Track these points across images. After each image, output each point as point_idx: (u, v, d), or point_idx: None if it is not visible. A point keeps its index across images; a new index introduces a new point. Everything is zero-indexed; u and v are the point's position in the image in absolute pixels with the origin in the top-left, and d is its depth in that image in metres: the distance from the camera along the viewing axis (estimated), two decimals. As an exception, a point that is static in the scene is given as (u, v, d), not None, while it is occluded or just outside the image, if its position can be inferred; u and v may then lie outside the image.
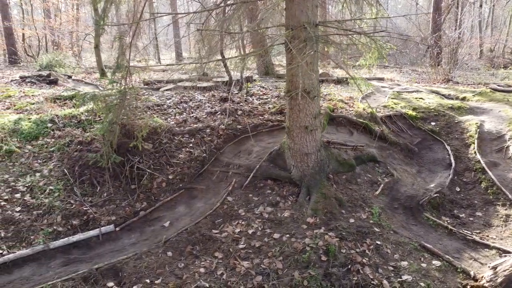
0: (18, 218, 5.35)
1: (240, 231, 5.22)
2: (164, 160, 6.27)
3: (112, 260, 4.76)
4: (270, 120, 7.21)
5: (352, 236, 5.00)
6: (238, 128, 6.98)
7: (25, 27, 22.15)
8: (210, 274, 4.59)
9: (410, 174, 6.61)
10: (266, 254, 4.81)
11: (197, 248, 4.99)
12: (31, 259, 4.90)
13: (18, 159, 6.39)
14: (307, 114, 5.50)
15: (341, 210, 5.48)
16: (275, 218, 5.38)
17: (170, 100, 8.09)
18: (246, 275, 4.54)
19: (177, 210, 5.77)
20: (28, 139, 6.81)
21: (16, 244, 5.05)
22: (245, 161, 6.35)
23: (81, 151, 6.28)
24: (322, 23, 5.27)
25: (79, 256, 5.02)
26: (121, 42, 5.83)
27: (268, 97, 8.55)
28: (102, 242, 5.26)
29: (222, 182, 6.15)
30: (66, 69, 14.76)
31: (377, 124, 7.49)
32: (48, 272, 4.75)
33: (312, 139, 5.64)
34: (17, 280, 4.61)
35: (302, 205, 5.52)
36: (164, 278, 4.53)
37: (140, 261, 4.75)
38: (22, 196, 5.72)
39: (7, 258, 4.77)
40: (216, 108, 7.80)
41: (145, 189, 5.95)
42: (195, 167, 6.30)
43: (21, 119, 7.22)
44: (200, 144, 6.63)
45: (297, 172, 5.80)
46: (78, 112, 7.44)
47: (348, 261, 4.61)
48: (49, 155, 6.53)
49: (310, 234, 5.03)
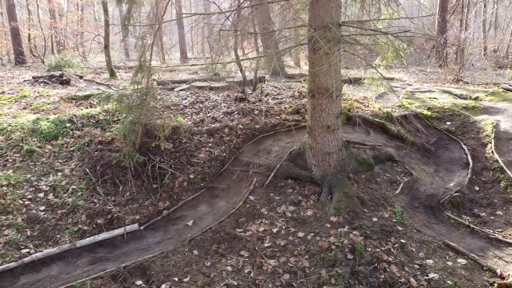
0: (43, 217, 5.39)
1: (264, 230, 5.26)
2: (184, 160, 6.30)
3: (139, 258, 4.80)
4: (288, 120, 7.25)
5: (377, 234, 5.04)
6: (256, 127, 7.02)
7: (31, 28, 22.19)
8: (237, 272, 4.63)
9: (428, 174, 6.64)
10: (292, 252, 4.85)
11: (222, 246, 5.03)
12: (58, 257, 4.94)
13: (39, 159, 6.43)
14: (329, 114, 5.54)
15: (363, 209, 5.52)
16: (298, 217, 5.42)
17: (185, 100, 8.13)
18: (274, 273, 4.58)
19: (199, 209, 5.81)
20: (48, 139, 6.86)
21: (42, 243, 5.09)
22: (264, 161, 6.38)
23: (101, 150, 6.32)
24: (345, 23, 5.31)
25: (105, 254, 5.06)
26: (143, 42, 5.88)
27: (283, 97, 8.58)
28: (127, 241, 5.29)
29: (243, 182, 6.19)
30: (75, 69, 14.79)
31: (393, 123, 7.53)
32: (76, 270, 4.79)
33: (334, 138, 5.68)
34: (46, 278, 4.65)
35: (325, 204, 5.56)
36: (192, 276, 4.56)
37: (167, 260, 4.79)
38: (45, 196, 5.76)
39: (34, 256, 4.81)
40: (232, 108, 7.83)
41: (167, 188, 5.99)
42: (216, 167, 6.34)
43: (40, 119, 7.26)
44: (219, 143, 6.66)
45: (318, 172, 5.84)
46: (96, 112, 7.48)
47: (374, 259, 4.65)
48: (69, 154, 6.57)
49: (335, 233, 5.07)
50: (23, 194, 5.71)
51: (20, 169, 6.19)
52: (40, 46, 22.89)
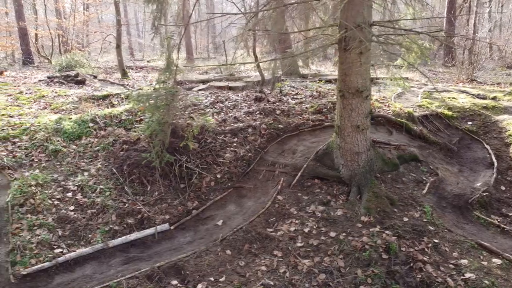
0: (74, 217, 5.39)
1: (295, 229, 5.26)
2: (210, 159, 6.30)
3: (173, 258, 4.80)
4: (311, 120, 7.25)
5: (409, 234, 5.04)
6: (280, 127, 7.02)
7: (38, 28, 22.18)
8: (272, 272, 4.63)
9: (453, 173, 6.64)
10: (325, 252, 4.85)
11: (255, 246, 5.03)
12: (91, 257, 4.95)
13: (64, 159, 6.44)
14: (359, 114, 5.53)
15: (393, 209, 5.52)
16: (328, 216, 5.42)
17: (206, 100, 8.14)
18: (309, 273, 4.58)
19: (227, 209, 5.80)
20: (71, 139, 6.86)
21: (74, 243, 5.10)
22: (290, 160, 6.38)
23: (127, 150, 6.32)
24: (376, 23, 5.31)
25: (137, 254, 5.06)
26: (170, 42, 5.88)
27: (302, 97, 8.58)
28: (158, 240, 5.29)
29: (269, 181, 6.19)
30: (85, 69, 14.79)
31: (415, 123, 7.53)
32: (110, 270, 4.79)
33: (363, 138, 5.68)
34: (80, 278, 4.65)
35: (354, 204, 5.56)
36: (228, 276, 4.56)
37: (201, 260, 4.79)
38: (73, 195, 5.76)
39: (68, 256, 4.82)
40: (252, 107, 7.83)
41: (195, 188, 5.99)
42: (242, 166, 6.34)
43: (62, 119, 7.27)
44: (243, 143, 6.66)
45: (346, 171, 5.84)
46: (118, 112, 7.48)
47: (409, 259, 4.64)
48: (94, 154, 6.57)
49: (367, 233, 5.06)
50: (51, 194, 5.72)
51: (47, 169, 6.20)
52: (46, 46, 22.90)
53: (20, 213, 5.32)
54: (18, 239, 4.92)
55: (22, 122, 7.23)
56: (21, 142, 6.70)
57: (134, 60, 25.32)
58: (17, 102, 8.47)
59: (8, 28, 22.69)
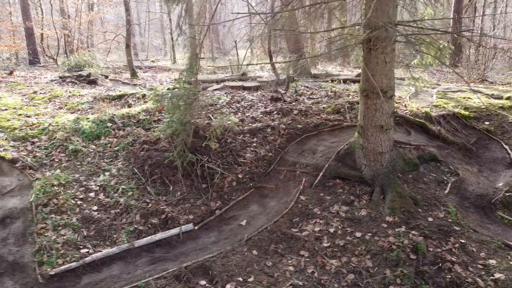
0: (97, 217, 5.39)
1: (320, 229, 5.25)
2: (231, 159, 6.30)
3: (199, 258, 4.80)
4: (329, 120, 7.24)
5: (435, 234, 5.02)
6: (299, 127, 7.01)
7: (44, 28, 22.18)
8: (300, 272, 4.62)
9: (473, 173, 6.62)
10: (352, 252, 4.84)
11: (281, 246, 5.02)
12: (117, 257, 4.94)
13: (84, 158, 6.44)
14: (383, 113, 5.53)
15: (417, 209, 5.50)
16: (352, 217, 5.41)
17: (222, 99, 8.13)
18: (337, 273, 4.57)
19: (250, 209, 5.80)
20: (90, 139, 6.86)
21: (100, 243, 5.09)
22: (311, 160, 6.37)
23: (148, 150, 6.31)
24: (401, 22, 5.30)
25: (163, 254, 5.05)
26: (194, 42, 5.87)
27: (318, 97, 8.57)
28: (183, 240, 5.29)
29: (291, 181, 6.18)
30: (94, 69, 14.80)
31: (432, 123, 7.52)
32: (136, 270, 4.78)
33: (387, 138, 5.67)
34: (108, 278, 4.64)
35: (378, 204, 5.55)
36: (256, 276, 4.56)
37: (227, 260, 4.79)
38: (96, 195, 5.76)
39: (95, 256, 4.81)
40: (269, 107, 7.83)
41: (217, 188, 5.98)
42: (263, 166, 6.33)
43: (80, 119, 7.27)
44: (263, 143, 6.66)
45: (369, 172, 5.83)
46: (136, 112, 7.47)
47: (437, 260, 4.63)
48: (114, 154, 6.56)
49: (393, 233, 5.05)
50: (74, 194, 5.72)
51: (68, 168, 6.20)
52: (51, 46, 22.89)
53: (44, 213, 5.32)
54: (44, 239, 4.91)
55: (39, 122, 7.23)
56: (41, 142, 6.70)
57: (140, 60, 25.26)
58: (32, 102, 8.47)
59: (13, 28, 22.69)
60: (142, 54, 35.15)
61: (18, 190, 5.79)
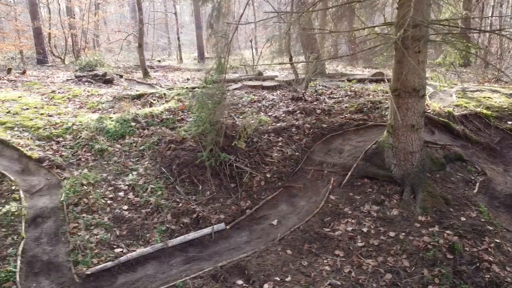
0: (129, 217, 5.38)
1: (353, 229, 5.24)
2: (258, 159, 6.28)
3: (234, 258, 4.78)
4: (353, 119, 7.22)
5: (470, 234, 5.01)
6: (324, 126, 7.00)
7: (52, 27, 22.18)
8: (337, 272, 4.61)
9: (499, 173, 6.61)
10: (387, 252, 4.83)
11: (314, 246, 5.01)
12: (151, 257, 4.92)
13: (110, 158, 6.43)
14: (414, 113, 5.51)
15: (449, 208, 5.49)
16: (384, 216, 5.40)
17: (243, 99, 8.11)
18: (375, 273, 4.56)
19: (280, 208, 5.78)
20: (115, 138, 6.85)
21: (133, 243, 5.08)
22: (338, 160, 6.36)
23: (175, 150, 6.30)
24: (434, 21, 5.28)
25: (197, 254, 5.04)
26: (222, 42, 5.85)
27: (338, 96, 8.56)
28: (215, 240, 5.27)
29: (318, 181, 6.17)
30: (105, 68, 14.79)
31: (455, 123, 7.50)
32: (171, 270, 4.77)
33: (417, 137, 5.66)
34: (144, 278, 4.63)
35: (409, 203, 5.53)
36: (293, 276, 4.54)
37: (262, 259, 4.77)
38: (125, 195, 5.75)
39: (130, 256, 4.79)
40: (291, 107, 7.81)
41: (246, 188, 5.97)
42: (290, 166, 6.32)
43: (103, 118, 7.25)
44: (289, 143, 6.64)
45: (399, 171, 5.81)
46: (159, 111, 7.46)
47: (474, 259, 4.62)
48: (140, 153, 6.55)
49: (427, 233, 5.04)
50: (103, 193, 5.71)
51: (95, 168, 6.19)
52: (58, 46, 22.88)
53: (76, 212, 5.31)
54: (77, 239, 4.90)
55: (62, 121, 7.23)
56: (65, 141, 6.69)
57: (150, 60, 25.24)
58: (52, 101, 8.46)
59: (20, 28, 22.68)
60: (147, 54, 35.17)
61: (47, 190, 5.79)
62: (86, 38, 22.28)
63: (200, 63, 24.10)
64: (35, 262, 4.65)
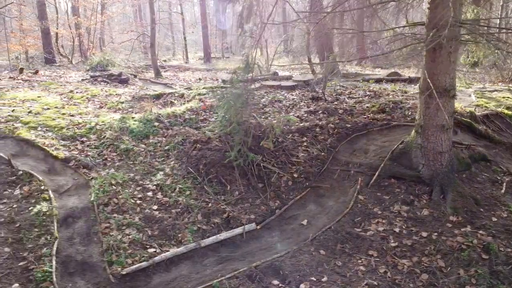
0: (159, 217, 5.37)
1: (384, 229, 5.23)
2: (284, 159, 6.28)
3: (268, 258, 4.77)
4: (377, 119, 7.22)
5: (503, 234, 5.01)
6: (348, 126, 6.99)
7: (59, 27, 22.17)
8: (372, 272, 4.61)
9: (524, 173, 6.60)
10: (421, 252, 4.83)
11: (347, 246, 5.00)
12: (184, 257, 4.91)
13: (136, 158, 6.42)
14: (445, 113, 5.50)
15: (479, 208, 5.49)
16: (415, 216, 5.39)
17: (263, 99, 8.11)
18: (410, 273, 4.56)
19: (308, 208, 5.78)
20: (139, 138, 6.84)
21: (165, 243, 5.07)
22: (364, 160, 6.35)
23: (200, 149, 6.29)
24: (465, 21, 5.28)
25: (229, 254, 5.03)
26: (249, 41, 5.85)
27: (357, 96, 8.56)
28: (246, 240, 5.27)
29: (345, 181, 6.16)
30: (116, 68, 14.79)
31: (477, 123, 7.50)
32: (205, 270, 4.76)
33: (447, 137, 5.65)
34: (178, 278, 4.62)
35: (438, 203, 5.53)
36: (328, 276, 4.54)
37: (296, 259, 4.77)
38: (154, 195, 5.74)
39: (164, 256, 4.79)
40: (312, 107, 7.80)
41: (274, 188, 5.96)
42: (316, 166, 6.32)
43: (125, 118, 7.25)
44: (314, 143, 6.64)
45: (427, 171, 5.81)
46: (181, 111, 7.45)
47: (510, 259, 4.62)
48: (165, 153, 6.55)
49: (459, 233, 5.04)
50: (132, 193, 5.70)
51: (121, 168, 6.19)
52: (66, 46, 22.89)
53: (106, 212, 5.30)
54: (110, 239, 4.89)
55: (85, 121, 7.22)
56: (90, 141, 6.69)
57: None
58: (72, 101, 8.45)
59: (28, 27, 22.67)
60: (151, 53, 35.17)
61: (75, 190, 5.78)
62: (94, 38, 22.26)
63: (207, 63, 24.05)
64: (70, 262, 4.64)
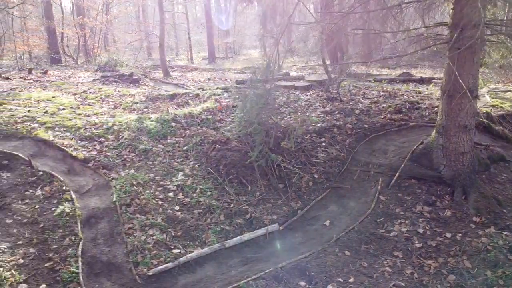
0: (182, 217, 5.36)
1: (408, 230, 5.22)
2: (304, 159, 6.27)
3: (292, 259, 4.76)
4: (394, 120, 7.21)
5: (528, 235, 5.00)
6: (366, 127, 6.99)
7: (65, 27, 22.18)
8: (398, 273, 4.60)
9: (543, 174, 6.59)
10: (447, 253, 4.82)
11: (372, 247, 4.99)
12: (209, 258, 4.91)
13: (155, 158, 6.42)
14: (467, 113, 5.50)
15: (502, 209, 5.48)
16: (437, 217, 5.38)
17: (278, 99, 8.10)
18: (437, 274, 4.55)
19: (330, 209, 5.77)
20: (157, 138, 6.84)
21: (189, 243, 5.06)
22: (384, 161, 6.34)
23: (220, 150, 6.28)
24: (490, 21, 5.27)
25: (254, 255, 5.03)
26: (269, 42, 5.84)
27: (373, 97, 8.55)
28: (269, 241, 5.26)
29: (365, 181, 6.15)
30: (124, 68, 14.78)
31: (494, 123, 7.48)
32: (230, 271, 4.76)
33: (469, 138, 5.64)
34: (204, 279, 4.62)
35: (461, 204, 5.51)
36: (355, 277, 4.53)
37: (321, 260, 4.76)
38: (175, 195, 5.73)
39: (189, 257, 4.78)
40: (328, 107, 7.80)
41: (295, 188, 5.95)
42: (336, 166, 6.31)
43: (142, 118, 7.24)
44: (332, 143, 6.63)
45: (449, 172, 5.80)
46: (197, 112, 7.45)
47: (536, 261, 4.61)
48: (184, 154, 6.54)
49: (484, 233, 5.03)
50: (153, 194, 5.69)
51: (141, 168, 6.18)
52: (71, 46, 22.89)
53: (129, 213, 5.30)
54: (134, 240, 4.89)
55: (102, 122, 7.22)
56: (108, 142, 6.69)
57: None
58: (87, 101, 8.44)
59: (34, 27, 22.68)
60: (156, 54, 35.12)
61: (95, 190, 5.78)
62: (99, 38, 22.26)
63: (212, 63, 24.03)
64: (95, 263, 4.64)
